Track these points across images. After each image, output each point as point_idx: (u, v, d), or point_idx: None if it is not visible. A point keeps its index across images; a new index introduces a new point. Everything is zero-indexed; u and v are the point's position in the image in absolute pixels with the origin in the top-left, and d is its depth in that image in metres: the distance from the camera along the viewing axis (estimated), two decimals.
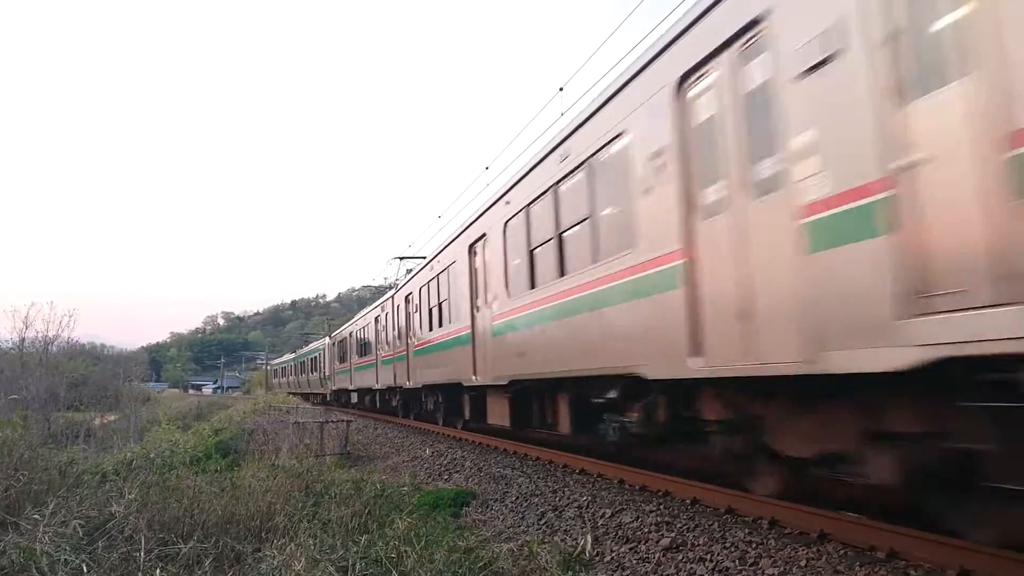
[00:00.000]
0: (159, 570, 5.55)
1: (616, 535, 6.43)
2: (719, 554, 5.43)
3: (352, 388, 30.83)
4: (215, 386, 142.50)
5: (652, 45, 6.79)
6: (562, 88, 13.37)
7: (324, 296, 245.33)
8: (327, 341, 39.72)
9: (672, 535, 6.02)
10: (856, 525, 5.26)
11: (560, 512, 7.61)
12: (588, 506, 7.51)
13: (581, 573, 5.74)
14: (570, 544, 6.36)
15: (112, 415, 37.93)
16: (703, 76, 5.98)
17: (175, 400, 74.11)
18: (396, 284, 22.77)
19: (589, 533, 6.49)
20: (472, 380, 12.81)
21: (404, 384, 19.55)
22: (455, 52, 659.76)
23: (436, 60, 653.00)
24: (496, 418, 12.38)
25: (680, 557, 5.60)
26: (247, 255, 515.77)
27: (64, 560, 5.54)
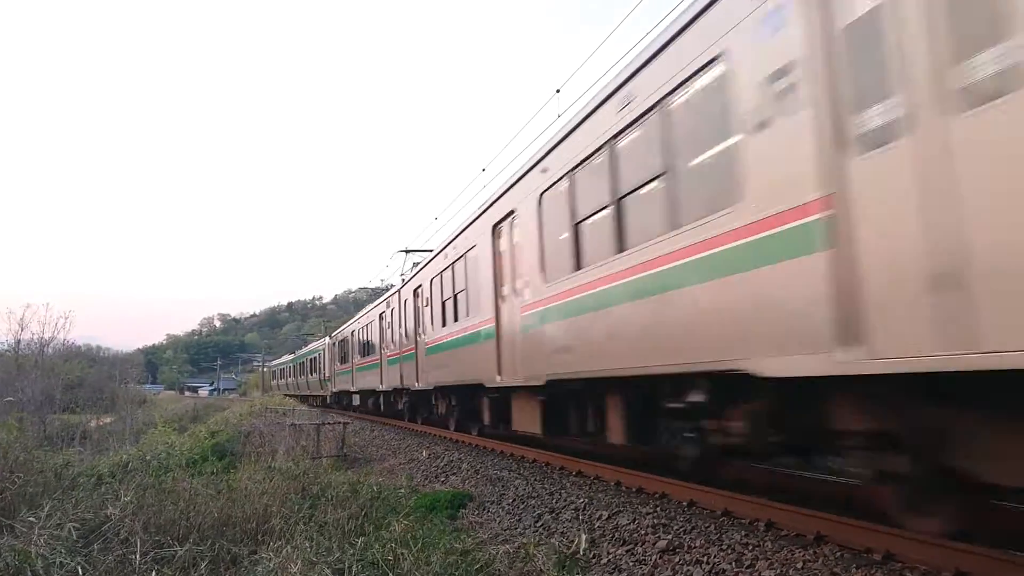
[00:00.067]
0: (155, 573, 5.56)
1: (613, 537, 6.44)
2: (715, 556, 5.43)
3: (354, 390, 29.32)
4: (211, 388, 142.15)
5: None
6: (559, 90, 13.43)
7: (320, 298, 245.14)
8: (327, 341, 38.45)
9: (669, 537, 6.03)
10: (852, 527, 5.25)
11: (557, 514, 7.61)
12: (585, 508, 7.51)
13: (578, 575, 5.75)
14: (566, 545, 6.36)
15: (108, 417, 37.89)
16: None
17: (171, 402, 74.00)
18: (403, 278, 21.09)
19: (584, 533, 6.49)
20: (496, 381, 11.16)
21: (412, 386, 17.98)
22: (452, 55, 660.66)
23: (432, 63, 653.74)
24: (524, 424, 10.92)
25: (676, 559, 5.60)
26: (243, 257, 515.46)
27: (59, 563, 5.54)
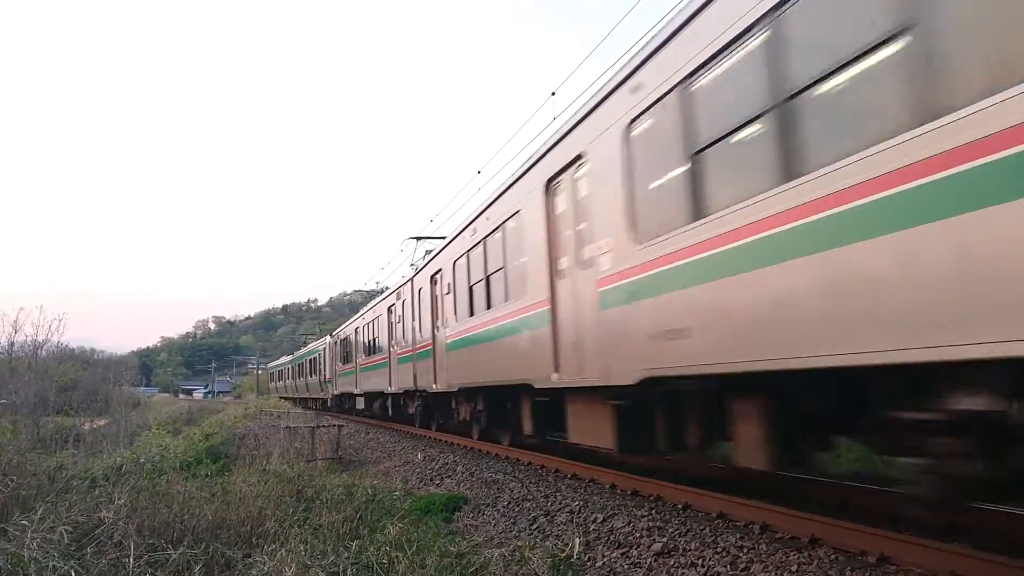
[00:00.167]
0: None
1: (608, 540, 6.43)
2: (711, 559, 5.44)
3: (358, 392, 26.70)
4: (206, 391, 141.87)
5: None
6: (554, 93, 13.44)
7: (316, 301, 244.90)
8: (328, 340, 36.17)
9: (664, 540, 6.03)
10: (847, 530, 5.26)
11: (552, 517, 7.60)
12: (580, 511, 7.51)
13: None
14: (560, 548, 6.36)
15: (102, 420, 37.74)
16: None
17: (165, 405, 73.81)
18: (415, 267, 18.65)
19: (579, 536, 6.49)
20: (551, 380, 8.66)
21: (429, 387, 15.46)
22: (446, 59, 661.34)
23: (426, 68, 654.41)
24: (587, 435, 8.49)
25: (672, 562, 5.60)
26: (238, 259, 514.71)
27: (52, 566, 5.52)
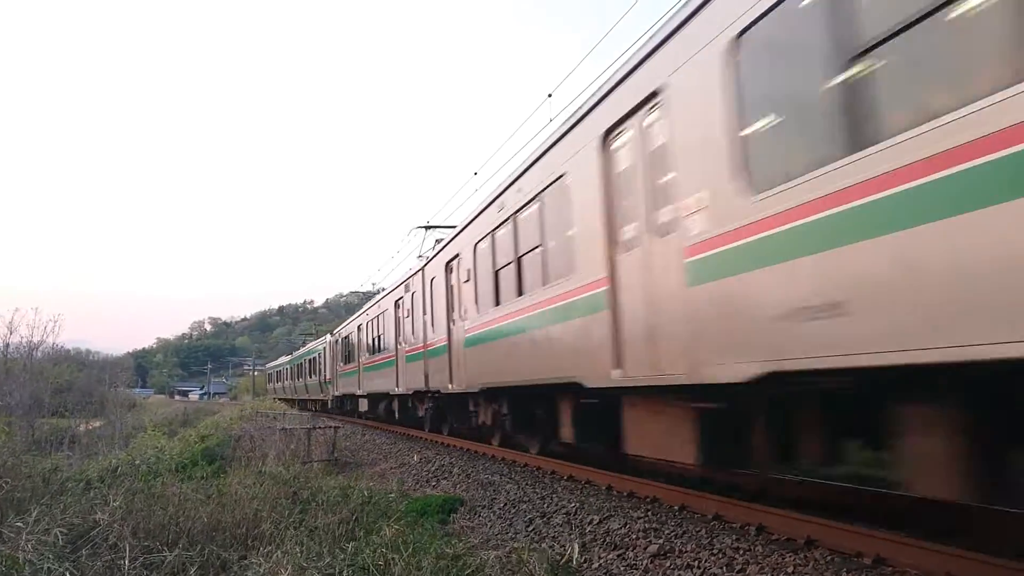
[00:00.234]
0: None
1: (604, 542, 6.43)
2: (706, 561, 5.44)
3: (361, 393, 25.23)
4: (202, 392, 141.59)
5: None
6: (551, 94, 13.45)
7: (312, 302, 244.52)
8: (328, 339, 34.89)
9: (660, 542, 6.03)
10: (843, 531, 5.27)
11: (548, 519, 7.60)
12: (576, 512, 7.51)
13: None
14: (558, 552, 6.36)
15: (97, 421, 37.58)
16: None
17: (161, 406, 73.49)
18: (423, 257, 17.33)
19: (576, 541, 6.48)
20: (612, 378, 7.03)
21: (444, 387, 13.96)
22: (443, 61, 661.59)
23: (423, 70, 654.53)
24: (654, 446, 7.07)
25: (668, 564, 5.60)
26: (234, 261, 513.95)
27: (47, 569, 5.51)
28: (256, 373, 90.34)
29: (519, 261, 9.93)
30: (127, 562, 5.73)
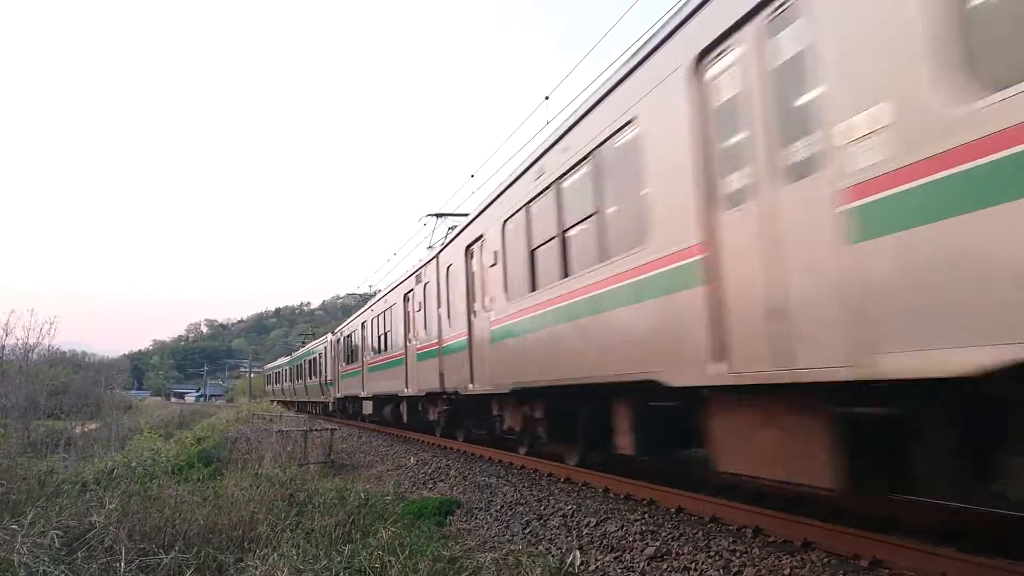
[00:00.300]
0: None
1: (601, 544, 6.43)
2: (703, 563, 5.44)
3: (365, 395, 23.70)
4: (198, 394, 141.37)
5: None
6: (548, 97, 13.49)
7: (308, 304, 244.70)
8: (329, 338, 33.66)
9: (657, 544, 6.02)
10: (840, 533, 5.28)
11: (545, 521, 7.59)
12: (573, 515, 7.50)
13: None
14: (557, 558, 6.34)
15: (93, 423, 37.50)
16: None
17: (157, 408, 73.30)
18: (433, 246, 16.29)
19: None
20: (709, 375, 5.57)
21: (463, 388, 12.52)
22: (440, 63, 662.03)
23: (419, 72, 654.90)
24: (767, 463, 5.43)
25: (665, 566, 5.60)
26: (231, 262, 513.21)
27: (43, 571, 5.50)
28: (253, 375, 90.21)
29: (564, 236, 8.43)
30: (123, 565, 5.71)
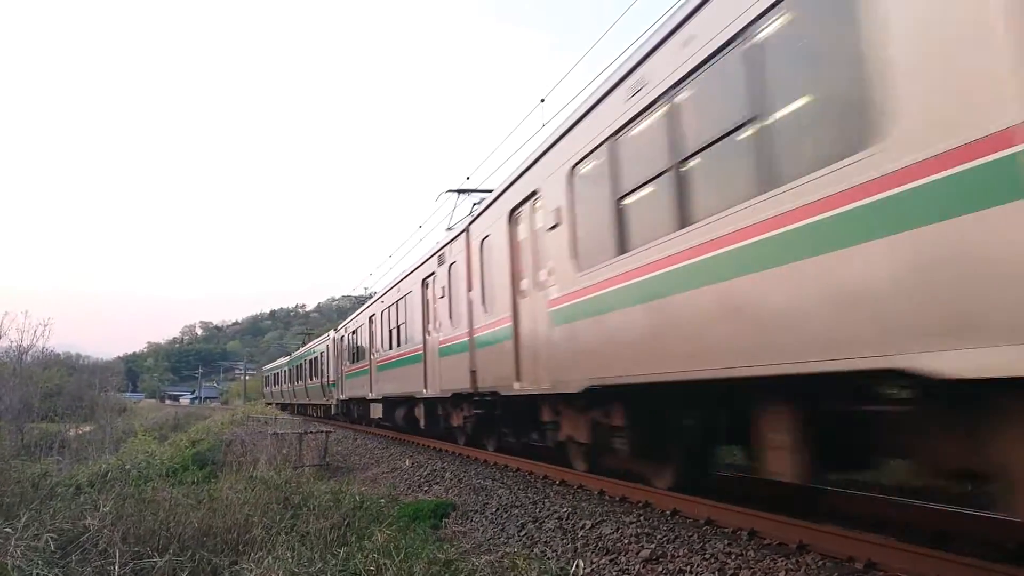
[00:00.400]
0: None
1: (596, 547, 6.42)
2: (699, 566, 5.44)
3: (374, 397, 21.00)
4: (192, 396, 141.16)
5: None
6: (543, 100, 13.49)
7: (304, 306, 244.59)
8: (332, 335, 31.19)
9: (652, 547, 6.02)
10: (835, 536, 5.28)
11: (540, 523, 7.59)
12: (568, 517, 7.50)
13: None
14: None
15: (87, 426, 37.42)
16: None
17: (152, 410, 73.16)
18: (453, 226, 14.54)
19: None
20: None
21: (507, 387, 10.17)
22: (437, 65, 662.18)
23: (415, 75, 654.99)
24: None
25: (660, 569, 5.60)
26: (226, 264, 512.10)
27: (36, 574, 5.47)
28: (248, 377, 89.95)
29: (678, 169, 6.05)
30: (117, 568, 5.69)
